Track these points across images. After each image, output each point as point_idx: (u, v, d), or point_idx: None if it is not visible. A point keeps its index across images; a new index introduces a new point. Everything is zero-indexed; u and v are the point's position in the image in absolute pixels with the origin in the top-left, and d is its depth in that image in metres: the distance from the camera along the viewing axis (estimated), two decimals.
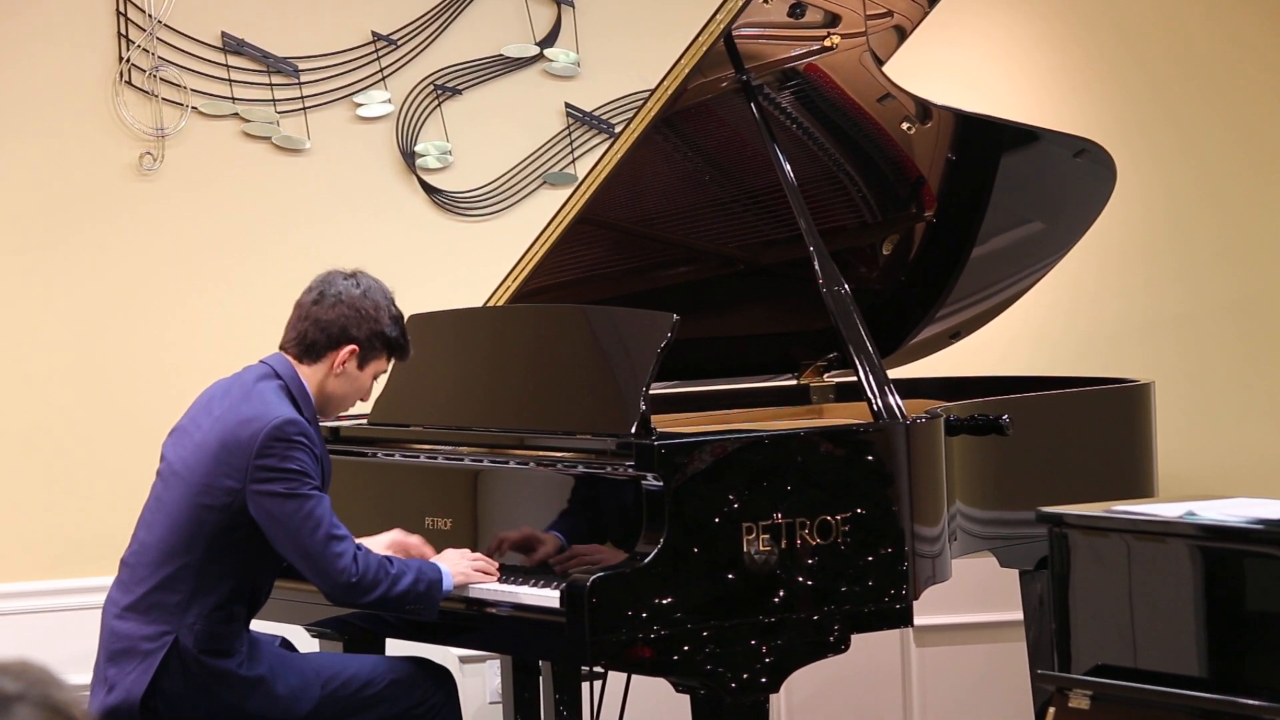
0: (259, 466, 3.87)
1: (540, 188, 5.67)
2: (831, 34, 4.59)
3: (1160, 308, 6.17)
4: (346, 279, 4.06)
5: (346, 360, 4.02)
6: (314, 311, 4.04)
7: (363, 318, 4.02)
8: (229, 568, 3.93)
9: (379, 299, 4.04)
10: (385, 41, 5.58)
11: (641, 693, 4.80)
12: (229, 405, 3.97)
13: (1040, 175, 5.00)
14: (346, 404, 4.11)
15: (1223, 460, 6.16)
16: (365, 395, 4.12)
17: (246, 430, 3.90)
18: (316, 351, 4.02)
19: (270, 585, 4.05)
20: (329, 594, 3.94)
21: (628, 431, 3.96)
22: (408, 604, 3.95)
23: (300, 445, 3.89)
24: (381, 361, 4.07)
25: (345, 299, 4.02)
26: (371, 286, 4.06)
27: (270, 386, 3.98)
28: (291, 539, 3.87)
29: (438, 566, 4.00)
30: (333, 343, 4.02)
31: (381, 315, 4.03)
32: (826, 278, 4.34)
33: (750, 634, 3.88)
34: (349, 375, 4.04)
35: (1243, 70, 6.22)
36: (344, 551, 3.88)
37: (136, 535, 4.03)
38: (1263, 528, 3.77)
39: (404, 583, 3.92)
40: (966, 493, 4.38)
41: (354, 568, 3.88)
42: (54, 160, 5.33)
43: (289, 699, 3.97)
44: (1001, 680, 5.79)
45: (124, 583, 3.99)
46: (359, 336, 4.02)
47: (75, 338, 5.34)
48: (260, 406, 3.93)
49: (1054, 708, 3.93)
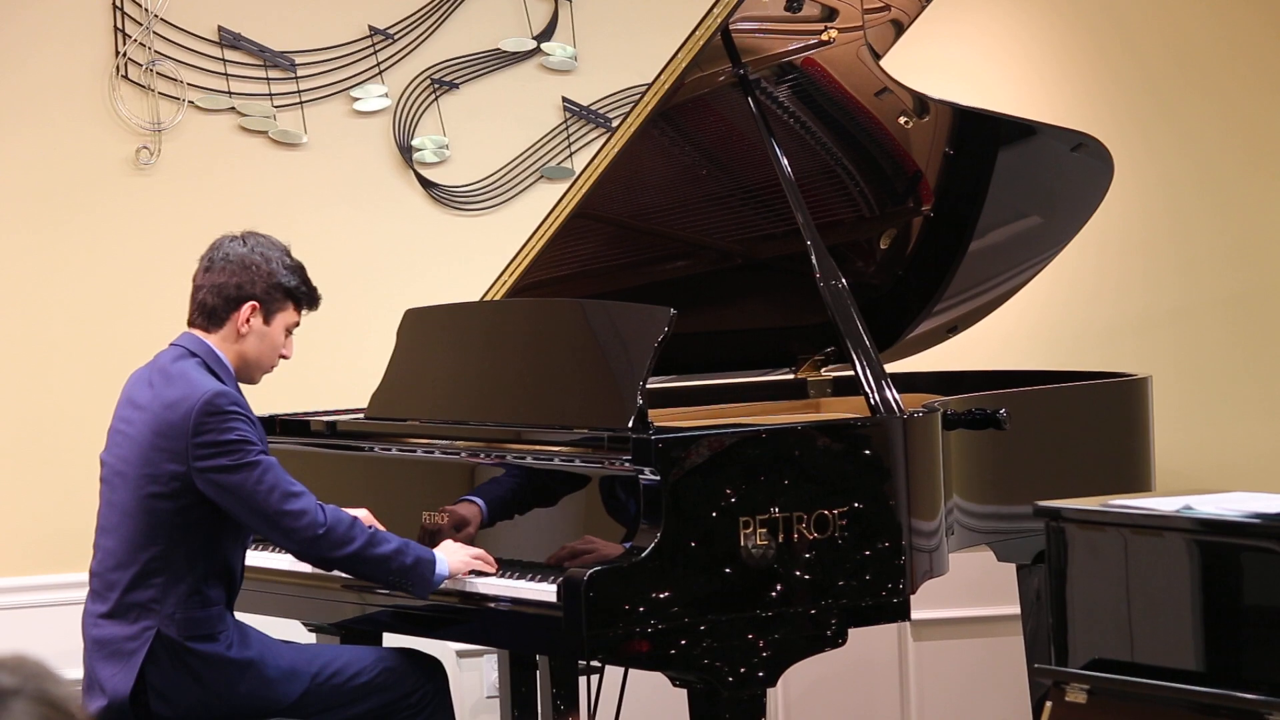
0: (198, 444, 3.87)
1: (537, 182, 5.67)
2: (829, 28, 4.59)
3: (1157, 302, 6.17)
4: (233, 240, 4.08)
5: (250, 317, 4.02)
6: (207, 279, 4.05)
7: (255, 273, 4.02)
8: (195, 551, 3.92)
9: (269, 252, 4.05)
10: (382, 36, 5.58)
11: (639, 687, 4.80)
12: (153, 394, 3.97)
13: (1037, 169, 5.00)
14: (265, 363, 4.08)
15: (1220, 454, 6.16)
16: (286, 351, 4.09)
17: (177, 413, 3.90)
18: (218, 317, 4.03)
19: (242, 562, 4.04)
20: (298, 551, 3.93)
21: (625, 426, 3.96)
22: (391, 573, 3.93)
23: (234, 414, 3.89)
24: (289, 313, 4.07)
25: (234, 259, 4.03)
26: (260, 242, 4.07)
27: (188, 364, 3.98)
28: (248, 507, 3.87)
29: (430, 550, 4.00)
30: (231, 304, 4.02)
31: (274, 266, 4.04)
32: (824, 272, 4.34)
33: (747, 628, 3.88)
34: (257, 332, 4.03)
35: (1240, 64, 6.22)
36: (305, 507, 3.87)
37: (97, 544, 4.02)
38: (1259, 522, 3.77)
39: (385, 548, 3.91)
40: (964, 487, 4.38)
41: (320, 517, 3.87)
42: (50, 154, 5.33)
43: (280, 681, 3.97)
44: (998, 674, 5.80)
45: (97, 593, 3.99)
46: (255, 293, 4.02)
47: (71, 331, 5.34)
48: (184, 386, 3.93)
49: (1051, 701, 3.93)
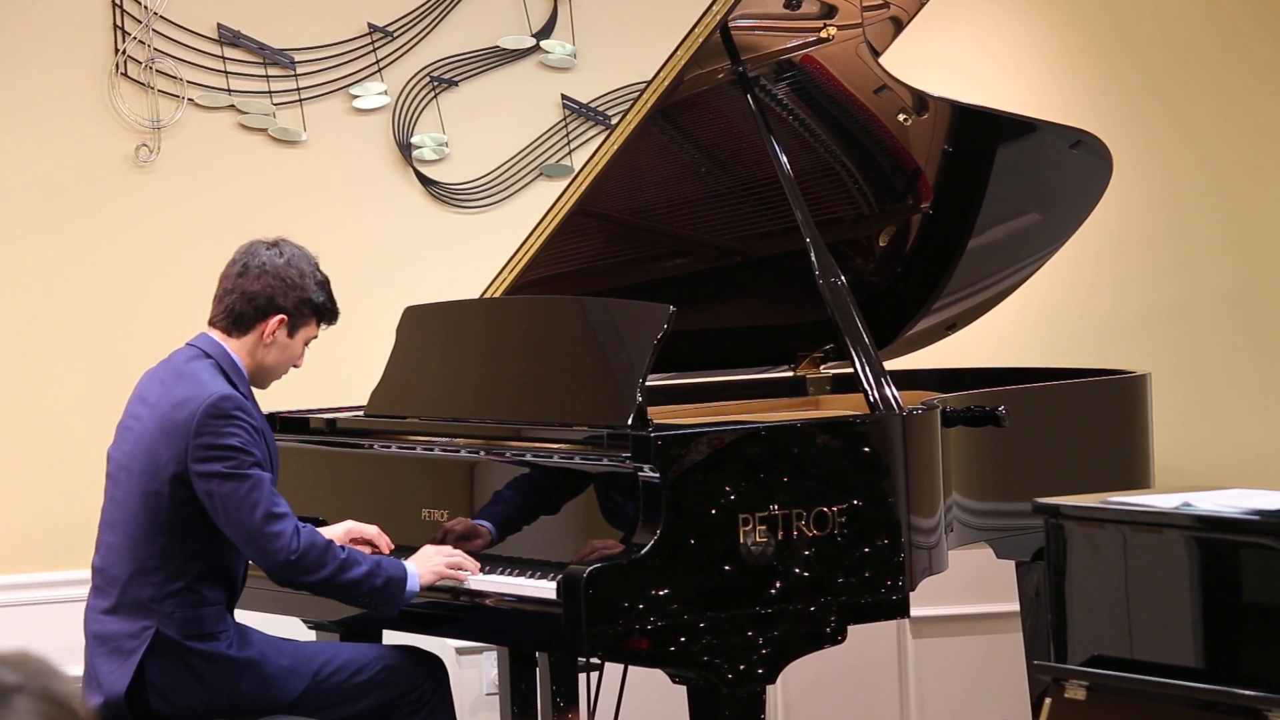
0: (198, 445, 3.88)
1: (536, 179, 5.67)
2: (828, 25, 4.59)
3: (1157, 299, 6.17)
4: (269, 249, 4.07)
5: (276, 329, 4.03)
6: (239, 284, 4.04)
7: (289, 286, 4.02)
8: (193, 550, 3.93)
9: (303, 266, 4.05)
10: (381, 33, 5.58)
11: (639, 684, 4.80)
12: (163, 391, 3.98)
13: (1037, 166, 5.00)
14: (279, 373, 4.10)
15: (1219, 452, 6.16)
16: (298, 362, 4.12)
17: (183, 412, 3.90)
18: (245, 323, 4.03)
19: (245, 565, 4.04)
20: (269, 572, 3.93)
21: (624, 423, 3.96)
22: (360, 595, 3.94)
23: (237, 420, 3.89)
24: (311, 328, 4.09)
25: (270, 269, 4.03)
26: (295, 254, 4.07)
27: (201, 365, 3.99)
28: (231, 518, 3.87)
29: (403, 565, 3.99)
30: (260, 313, 4.02)
31: (307, 282, 4.04)
32: (823, 269, 4.34)
33: (747, 625, 3.88)
34: (280, 344, 4.04)
35: (1239, 61, 6.22)
36: (282, 531, 3.87)
37: (100, 540, 4.03)
38: (1259, 518, 3.78)
39: (355, 572, 3.91)
40: (963, 484, 4.39)
41: (295, 542, 3.87)
42: (50, 152, 5.33)
43: (281, 679, 3.98)
44: (998, 671, 5.80)
45: (99, 588, 4.00)
46: (286, 305, 4.03)
47: (70, 328, 5.34)
48: (194, 386, 3.93)
49: (1050, 698, 3.93)
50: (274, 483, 3.98)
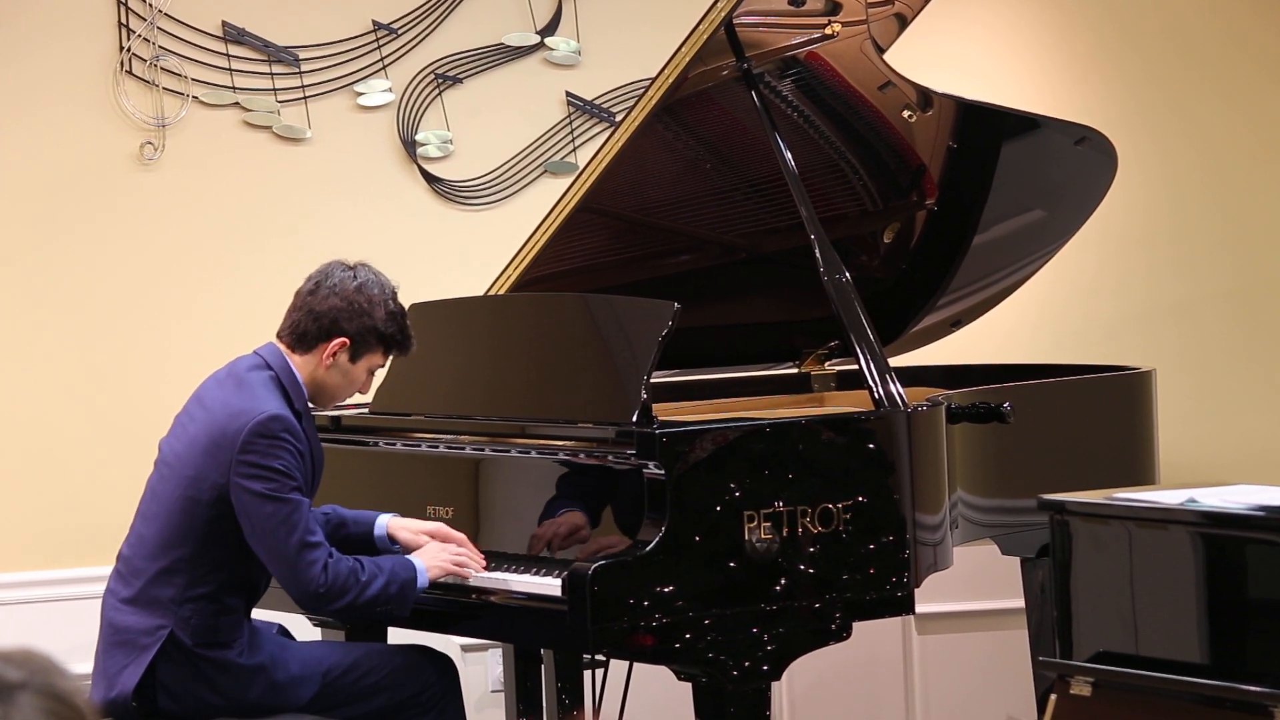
0: (242, 460, 3.86)
1: (541, 177, 5.67)
2: (832, 22, 4.59)
3: (1161, 296, 6.17)
4: (345, 270, 4.03)
5: (337, 352, 3.99)
6: (309, 301, 4.01)
7: (355, 311, 3.98)
8: (221, 560, 3.92)
9: (374, 293, 4.00)
10: (386, 30, 5.58)
11: (644, 681, 4.80)
12: (221, 397, 3.96)
13: (1041, 163, 5.00)
14: (340, 396, 4.07)
15: (1224, 448, 6.16)
16: (362, 389, 4.09)
17: (234, 424, 3.88)
18: (308, 342, 4.00)
19: (268, 575, 4.03)
20: (297, 599, 3.93)
21: (629, 420, 3.96)
22: (377, 607, 3.94)
23: (284, 443, 3.87)
24: (377, 356, 4.03)
25: (340, 291, 3.99)
26: (369, 280, 4.01)
27: (261, 377, 3.96)
28: (265, 540, 3.86)
29: (412, 565, 3.98)
30: (324, 334, 3.99)
31: (375, 310, 3.99)
32: (828, 266, 4.34)
33: (752, 622, 3.88)
34: (340, 368, 4.00)
35: (1244, 58, 6.22)
36: (316, 560, 3.86)
37: (134, 527, 4.03)
38: (1264, 515, 3.78)
39: (374, 588, 3.91)
40: (968, 480, 4.38)
41: (323, 577, 3.85)
42: (55, 150, 5.33)
43: (290, 686, 3.97)
44: (1003, 668, 5.79)
45: (122, 574, 3.99)
46: (350, 330, 3.98)
47: (75, 327, 5.34)
48: (249, 400, 3.91)
49: (1056, 695, 3.93)
50: (316, 489, 3.98)
